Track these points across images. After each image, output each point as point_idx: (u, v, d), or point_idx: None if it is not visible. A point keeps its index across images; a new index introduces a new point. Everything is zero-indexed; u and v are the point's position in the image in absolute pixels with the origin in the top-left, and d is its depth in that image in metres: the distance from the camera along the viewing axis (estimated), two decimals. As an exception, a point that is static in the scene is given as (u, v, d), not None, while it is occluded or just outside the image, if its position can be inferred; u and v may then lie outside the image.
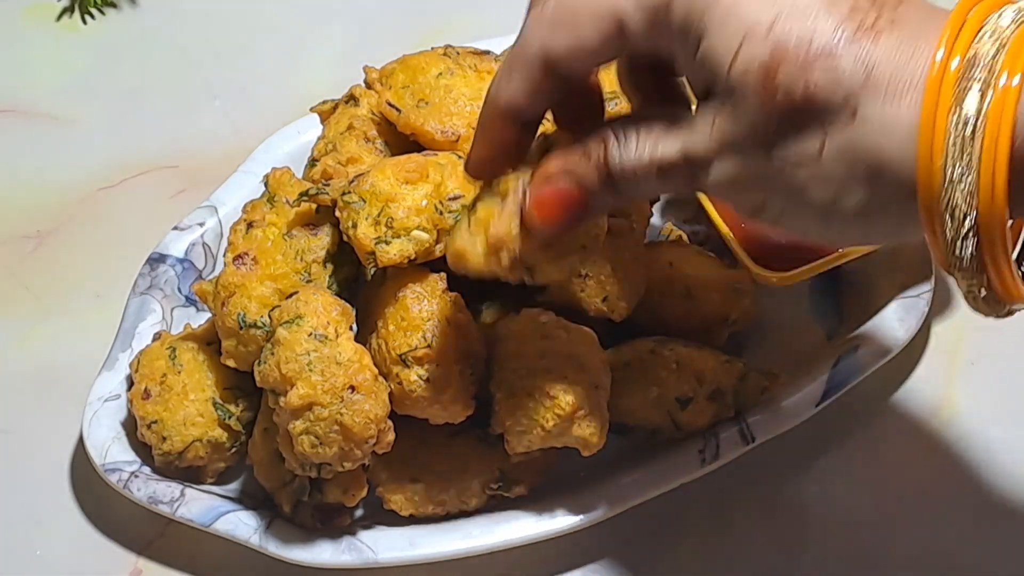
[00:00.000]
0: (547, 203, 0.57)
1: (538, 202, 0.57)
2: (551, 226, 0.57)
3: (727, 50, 0.50)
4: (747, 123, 0.50)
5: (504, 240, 0.59)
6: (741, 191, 0.53)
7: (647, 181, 0.55)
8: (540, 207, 0.57)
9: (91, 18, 1.08)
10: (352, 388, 0.70)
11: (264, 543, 0.76)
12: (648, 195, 0.62)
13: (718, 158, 0.52)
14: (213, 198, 0.90)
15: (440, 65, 0.82)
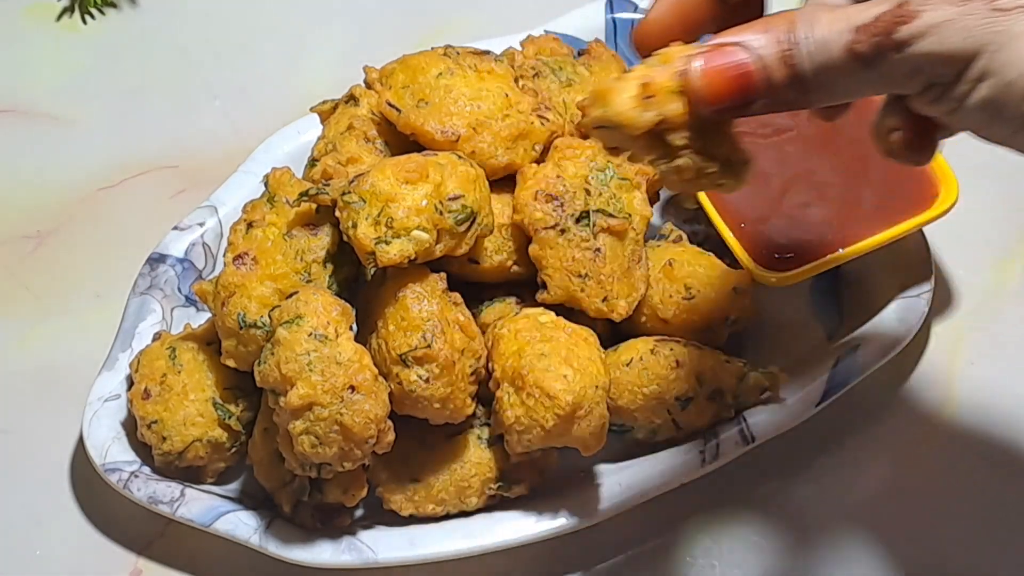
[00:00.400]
0: (719, 74, 0.52)
1: (708, 71, 0.52)
2: (715, 99, 0.52)
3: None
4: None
5: (659, 91, 0.53)
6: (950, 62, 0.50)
7: (837, 65, 0.50)
8: (709, 76, 0.52)
9: (91, 18, 1.08)
10: (352, 388, 0.70)
11: (264, 543, 0.76)
12: (833, 91, 0.52)
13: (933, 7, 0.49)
14: (213, 198, 0.90)
15: (440, 65, 0.82)
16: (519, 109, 0.81)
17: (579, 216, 0.78)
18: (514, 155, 0.80)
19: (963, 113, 0.51)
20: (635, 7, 0.99)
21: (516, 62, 0.87)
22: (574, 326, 0.76)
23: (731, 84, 0.51)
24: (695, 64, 0.52)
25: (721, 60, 0.51)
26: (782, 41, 0.50)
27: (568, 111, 0.86)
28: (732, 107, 0.52)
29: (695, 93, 0.52)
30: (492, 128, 0.80)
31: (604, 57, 0.91)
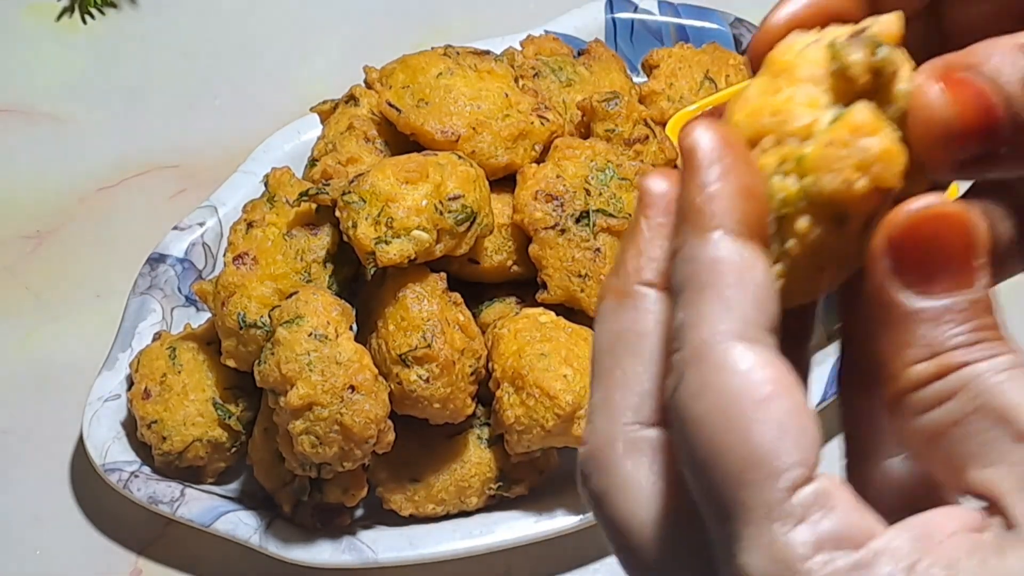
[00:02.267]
0: (966, 102, 0.34)
1: (956, 97, 0.34)
2: (960, 141, 0.34)
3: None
4: None
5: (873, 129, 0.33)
6: None
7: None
8: (959, 104, 0.34)
9: (91, 18, 1.08)
10: (352, 388, 0.70)
11: (264, 543, 0.76)
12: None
13: None
14: (213, 198, 0.90)
15: (440, 65, 0.82)
16: (519, 109, 0.81)
17: (579, 216, 0.78)
18: (514, 155, 0.80)
19: None
20: (635, 7, 0.99)
21: (516, 62, 0.87)
22: (574, 326, 0.76)
23: (982, 118, 0.34)
24: (931, 91, 0.34)
25: (960, 85, 0.34)
26: (1020, 64, 0.34)
27: (568, 111, 0.86)
28: (975, 159, 0.34)
29: (934, 132, 0.34)
30: (492, 128, 0.80)
31: (604, 57, 0.91)
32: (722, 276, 0.31)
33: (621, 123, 0.83)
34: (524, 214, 0.78)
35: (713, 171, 0.32)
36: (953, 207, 0.32)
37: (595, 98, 0.84)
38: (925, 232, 0.32)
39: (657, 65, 0.92)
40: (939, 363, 0.32)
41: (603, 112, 0.83)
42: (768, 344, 0.31)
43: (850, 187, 0.32)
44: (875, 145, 0.32)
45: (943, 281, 0.32)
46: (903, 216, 0.32)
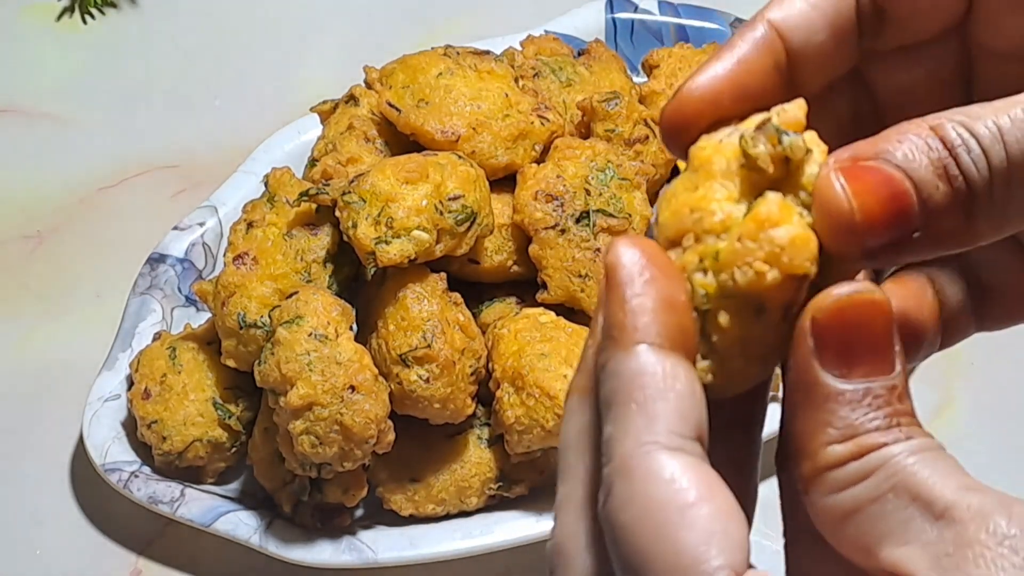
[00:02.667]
0: (871, 192, 0.33)
1: (858, 188, 0.33)
2: (868, 232, 0.33)
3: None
4: None
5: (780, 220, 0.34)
6: None
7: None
8: (862, 196, 0.33)
9: (91, 18, 1.08)
10: (352, 388, 0.70)
11: (264, 543, 0.76)
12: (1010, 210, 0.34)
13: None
14: (213, 198, 0.90)
15: (440, 65, 0.82)
16: (519, 109, 0.81)
17: (579, 216, 0.78)
18: (514, 155, 0.80)
19: None
20: (635, 7, 0.99)
21: (516, 62, 0.87)
22: (574, 326, 0.76)
23: (887, 208, 0.33)
24: (836, 183, 0.33)
25: (865, 175, 0.33)
26: (932, 149, 0.33)
27: (568, 111, 0.86)
28: (883, 247, 0.34)
29: (841, 224, 0.33)
30: (492, 128, 0.80)
31: (604, 57, 0.91)
32: (644, 389, 0.32)
33: (621, 123, 0.83)
34: (524, 214, 0.78)
35: (634, 287, 0.33)
36: (874, 295, 0.33)
37: (595, 98, 0.84)
38: (847, 318, 0.33)
39: (657, 65, 0.92)
40: (857, 444, 0.32)
41: (603, 112, 0.83)
42: (692, 451, 0.32)
43: (762, 279, 0.33)
44: (783, 235, 0.33)
45: (863, 366, 0.33)
46: (827, 301, 0.33)
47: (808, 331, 0.33)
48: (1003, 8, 0.37)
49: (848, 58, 0.39)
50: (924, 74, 0.38)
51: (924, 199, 0.33)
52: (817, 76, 0.38)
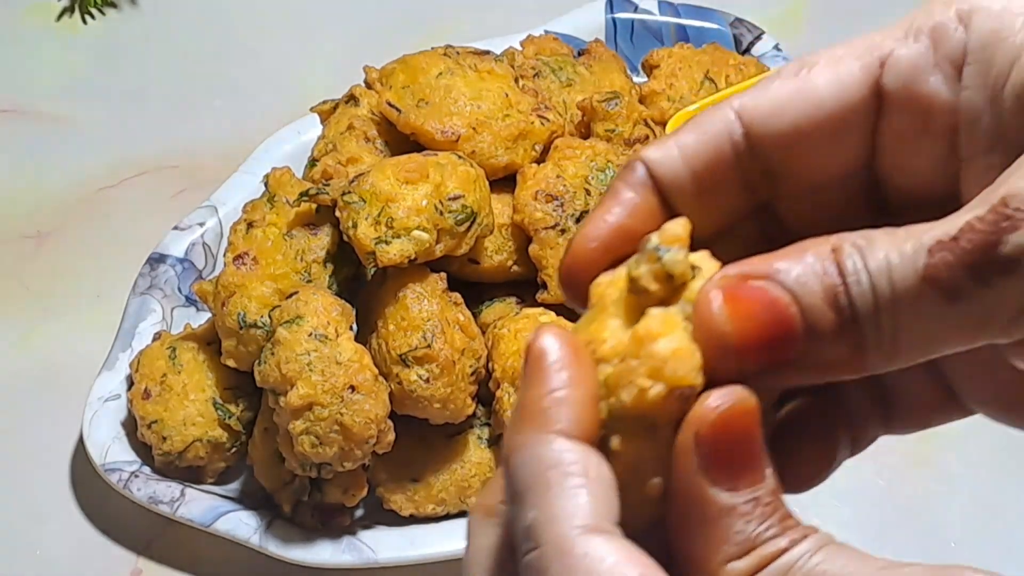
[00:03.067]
0: (748, 314, 0.33)
1: (735, 310, 0.33)
2: (745, 354, 0.33)
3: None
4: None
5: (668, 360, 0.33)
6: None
7: (907, 304, 0.32)
8: (738, 318, 0.33)
9: (91, 18, 1.08)
10: (352, 388, 0.70)
11: (264, 543, 0.76)
12: (899, 345, 0.33)
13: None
14: (213, 198, 0.90)
15: (440, 65, 0.82)
16: (519, 109, 0.81)
17: (579, 216, 0.78)
18: (514, 155, 0.80)
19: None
20: (635, 7, 0.99)
21: (516, 62, 0.87)
22: (574, 326, 0.76)
23: (764, 331, 0.33)
24: (713, 301, 0.33)
25: (747, 295, 0.33)
26: (827, 274, 0.32)
27: (568, 111, 0.86)
28: (761, 370, 0.33)
29: (715, 344, 0.33)
30: (492, 128, 0.80)
31: (604, 57, 0.91)
32: (570, 475, 0.32)
33: (621, 123, 0.83)
34: (524, 214, 0.78)
35: (558, 377, 0.33)
36: (748, 402, 0.32)
37: (595, 98, 0.84)
38: (731, 431, 0.32)
39: (657, 65, 0.92)
40: (758, 555, 0.32)
41: (603, 112, 0.83)
42: (620, 535, 0.31)
43: (645, 395, 0.32)
44: (664, 348, 0.32)
45: (747, 475, 0.32)
46: (709, 415, 0.32)
47: (692, 448, 0.32)
48: (908, 151, 0.36)
49: (736, 205, 0.37)
50: (831, 201, 0.37)
51: (810, 325, 0.32)
52: (704, 216, 0.36)
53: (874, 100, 0.35)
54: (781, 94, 0.36)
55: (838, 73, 0.35)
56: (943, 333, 0.33)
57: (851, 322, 0.32)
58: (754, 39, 0.99)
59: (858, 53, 0.35)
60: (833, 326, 0.32)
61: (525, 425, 0.33)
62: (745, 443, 0.32)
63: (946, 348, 0.33)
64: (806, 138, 0.35)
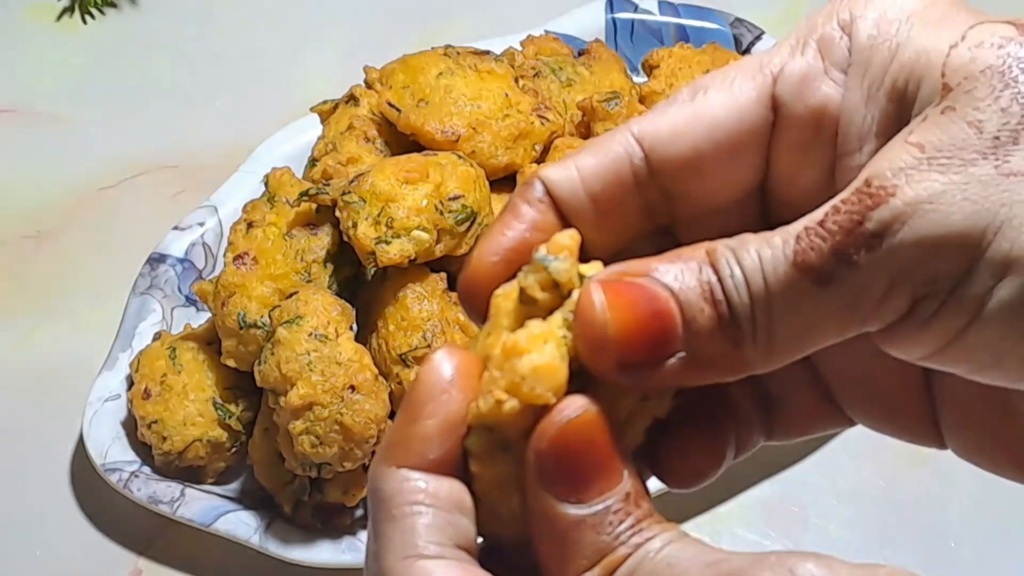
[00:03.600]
0: (631, 310, 0.33)
1: (618, 305, 0.33)
2: (624, 350, 0.33)
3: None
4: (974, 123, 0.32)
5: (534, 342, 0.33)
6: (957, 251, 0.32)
7: (782, 293, 0.33)
8: (621, 313, 0.33)
9: (91, 18, 1.08)
10: (352, 388, 0.70)
11: (264, 543, 0.76)
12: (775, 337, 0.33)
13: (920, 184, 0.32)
14: (213, 198, 0.90)
15: (440, 65, 0.82)
16: (519, 109, 0.81)
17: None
18: (514, 155, 0.80)
19: (980, 328, 0.33)
20: (635, 7, 0.99)
21: (516, 62, 0.87)
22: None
23: (643, 323, 0.33)
24: (594, 294, 0.33)
25: (627, 290, 0.33)
26: (703, 272, 0.33)
27: (568, 111, 0.86)
28: (640, 364, 0.33)
29: (594, 338, 0.33)
30: (492, 128, 0.80)
31: (604, 57, 0.91)
32: (405, 505, 0.33)
33: (621, 123, 0.83)
34: (524, 214, 0.78)
35: (425, 408, 0.33)
36: (587, 412, 0.32)
37: (595, 98, 0.84)
38: (570, 445, 0.32)
39: (657, 65, 0.92)
40: (606, 563, 0.32)
41: (603, 112, 0.83)
42: (456, 556, 0.33)
43: (500, 408, 0.33)
44: (525, 364, 0.32)
45: (595, 485, 0.33)
46: (547, 432, 0.32)
47: (534, 463, 0.32)
48: (800, 163, 0.36)
49: (635, 226, 0.37)
50: (727, 224, 0.37)
51: (688, 321, 0.33)
52: (603, 236, 0.37)
53: (768, 115, 0.36)
54: (679, 119, 0.36)
55: (732, 94, 0.36)
56: (817, 322, 0.33)
57: (728, 319, 0.33)
58: (754, 39, 0.99)
59: (750, 73, 0.36)
60: (711, 323, 0.33)
61: (378, 457, 0.34)
62: (588, 455, 0.33)
63: (821, 339, 0.33)
64: (704, 161, 0.36)
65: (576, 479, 0.32)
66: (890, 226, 0.32)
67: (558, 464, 0.32)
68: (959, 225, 0.32)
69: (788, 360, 0.34)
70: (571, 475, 0.32)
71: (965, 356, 0.33)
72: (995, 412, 0.37)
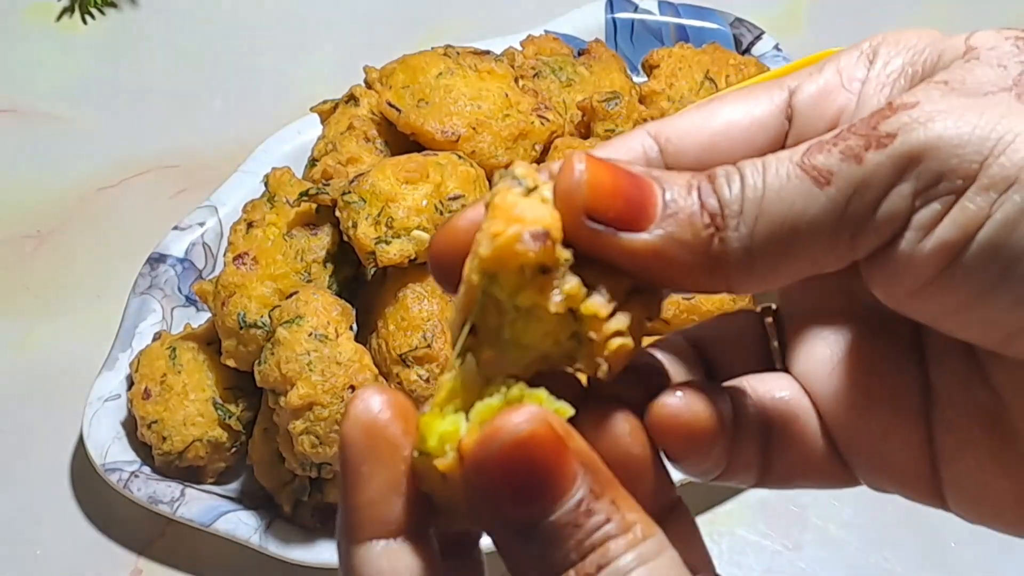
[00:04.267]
0: (608, 172, 0.33)
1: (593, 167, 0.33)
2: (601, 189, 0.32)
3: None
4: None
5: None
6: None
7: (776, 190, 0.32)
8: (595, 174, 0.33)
9: (91, 18, 1.08)
10: (352, 388, 0.70)
11: (264, 543, 0.76)
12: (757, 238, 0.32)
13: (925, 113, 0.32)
14: (213, 198, 0.90)
15: (440, 65, 0.82)
16: (519, 109, 0.81)
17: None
18: (514, 155, 0.80)
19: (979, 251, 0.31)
20: (635, 7, 0.99)
21: (516, 62, 0.87)
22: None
23: (620, 184, 0.32)
24: (575, 160, 0.33)
25: (611, 165, 0.33)
26: (694, 177, 0.33)
27: (568, 111, 0.86)
28: (610, 221, 0.32)
29: (567, 186, 0.32)
30: (492, 128, 0.80)
31: (604, 57, 0.91)
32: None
33: (621, 123, 0.83)
34: (524, 214, 0.78)
35: (360, 474, 0.33)
36: (520, 431, 0.31)
37: (595, 98, 0.84)
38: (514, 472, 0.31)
39: (657, 65, 0.92)
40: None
41: (603, 112, 0.83)
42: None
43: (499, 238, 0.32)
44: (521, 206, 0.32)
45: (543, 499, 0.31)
46: (483, 457, 0.31)
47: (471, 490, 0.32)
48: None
49: None
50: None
51: (668, 201, 0.32)
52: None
53: (783, 124, 0.36)
54: (695, 117, 0.37)
55: (748, 102, 0.37)
56: (806, 223, 0.32)
57: (713, 204, 0.32)
58: (754, 39, 0.99)
59: (767, 87, 0.37)
60: (692, 205, 0.32)
61: (339, 536, 0.34)
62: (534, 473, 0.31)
63: (805, 248, 0.32)
64: (718, 155, 0.36)
65: (525, 498, 0.31)
66: (906, 125, 0.32)
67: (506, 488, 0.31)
68: (974, 133, 0.31)
69: (766, 274, 0.33)
70: (520, 495, 0.31)
71: (956, 288, 0.32)
72: (995, 467, 0.37)
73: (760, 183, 0.32)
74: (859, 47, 0.37)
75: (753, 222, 0.32)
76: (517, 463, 0.31)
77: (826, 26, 1.09)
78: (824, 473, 0.40)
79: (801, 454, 0.39)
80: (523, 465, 0.31)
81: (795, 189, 0.32)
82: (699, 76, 0.92)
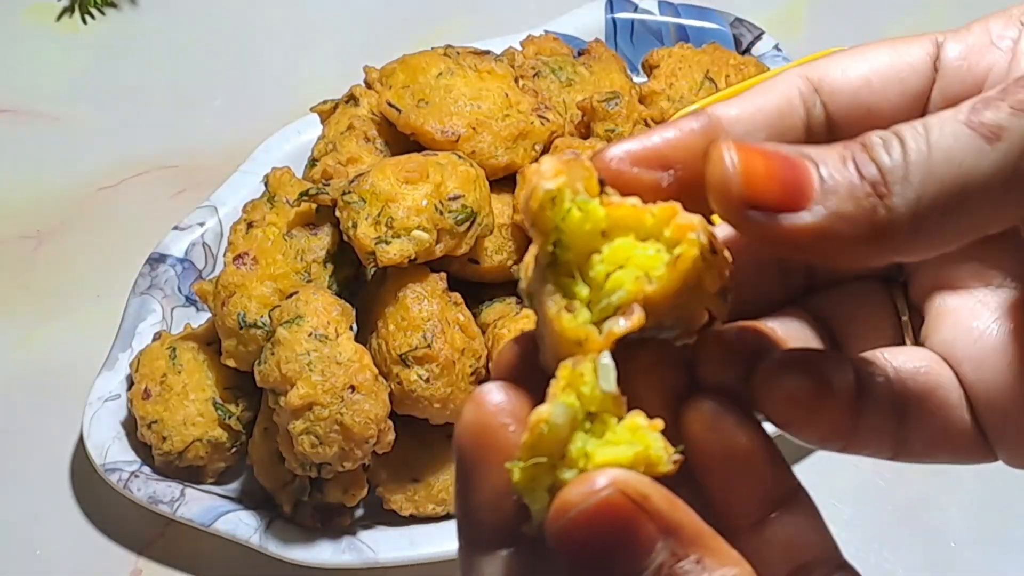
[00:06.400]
0: (763, 157, 0.32)
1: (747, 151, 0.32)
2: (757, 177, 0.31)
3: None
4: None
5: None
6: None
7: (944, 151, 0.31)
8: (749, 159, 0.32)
9: (91, 18, 1.08)
10: (352, 388, 0.70)
11: (264, 543, 0.76)
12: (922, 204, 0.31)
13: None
14: (213, 198, 0.90)
15: (440, 65, 0.82)
16: (519, 109, 0.81)
17: (579, 216, 0.78)
18: (514, 155, 0.80)
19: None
20: (635, 7, 0.99)
21: (516, 62, 0.87)
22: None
23: (775, 169, 0.31)
24: (723, 146, 0.32)
25: (759, 148, 0.32)
26: (847, 147, 0.32)
27: (568, 111, 0.86)
28: (770, 208, 0.31)
29: (721, 179, 0.31)
30: (492, 128, 0.80)
31: (604, 57, 0.91)
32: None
33: (621, 123, 0.83)
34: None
35: (476, 477, 0.33)
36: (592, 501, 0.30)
37: (595, 98, 0.84)
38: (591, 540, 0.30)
39: (657, 65, 0.92)
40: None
41: (603, 112, 0.83)
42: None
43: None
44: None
45: (620, 567, 0.30)
46: (557, 528, 0.30)
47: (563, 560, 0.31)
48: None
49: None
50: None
51: (825, 177, 0.31)
52: None
53: (931, 72, 0.36)
54: (844, 59, 0.37)
55: (896, 48, 0.37)
56: (975, 185, 0.31)
57: (873, 173, 0.31)
58: (754, 39, 0.99)
59: (915, 39, 0.37)
60: (852, 176, 0.31)
61: (461, 544, 0.34)
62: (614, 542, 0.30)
63: (975, 210, 0.31)
64: (874, 91, 0.36)
65: (596, 564, 0.30)
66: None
67: (588, 556, 0.30)
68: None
69: (933, 239, 0.31)
70: (591, 560, 0.30)
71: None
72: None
73: (924, 145, 0.31)
74: (1008, 12, 0.36)
75: (920, 185, 0.31)
76: (589, 534, 0.30)
77: (826, 26, 1.09)
78: (966, 447, 0.38)
79: (942, 427, 0.38)
80: (595, 536, 0.30)
81: (963, 148, 0.31)
82: (699, 76, 0.92)
